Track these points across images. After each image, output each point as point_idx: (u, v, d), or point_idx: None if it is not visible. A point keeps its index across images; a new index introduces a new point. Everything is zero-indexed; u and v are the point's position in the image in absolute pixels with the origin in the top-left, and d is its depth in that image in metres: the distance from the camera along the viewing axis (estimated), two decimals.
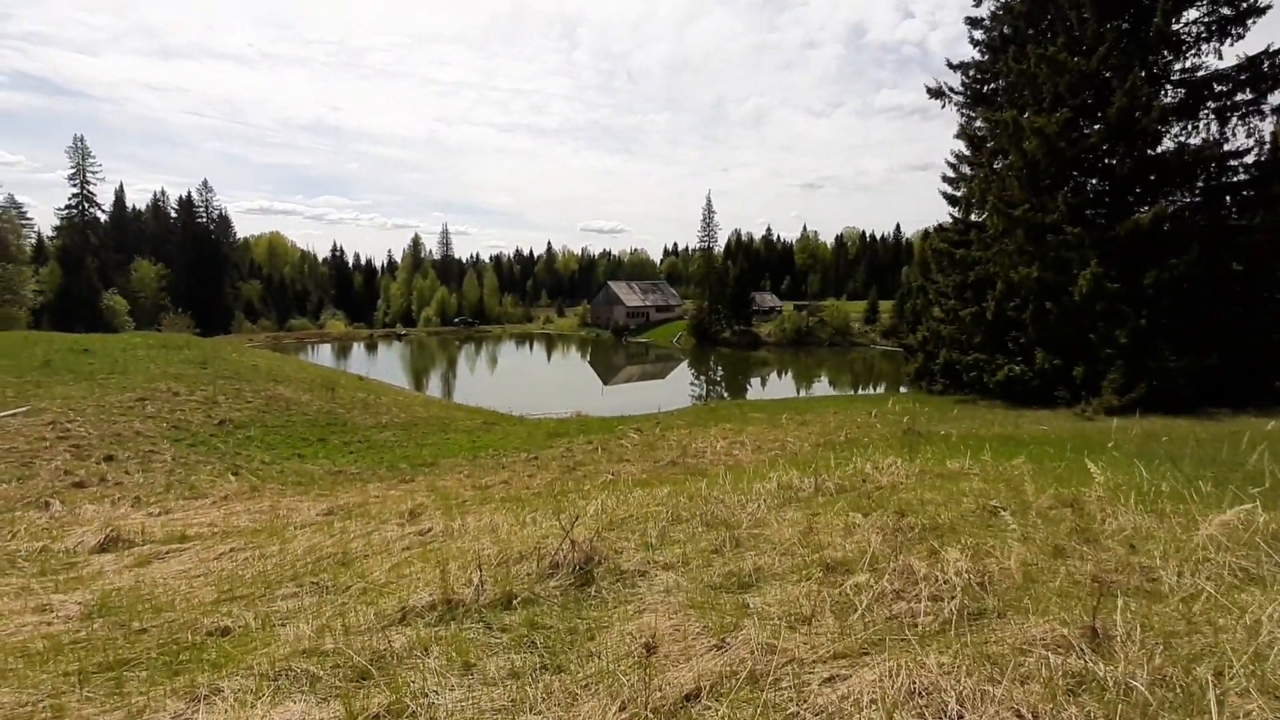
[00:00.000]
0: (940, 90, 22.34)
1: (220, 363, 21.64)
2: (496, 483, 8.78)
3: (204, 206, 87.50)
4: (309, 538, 5.68)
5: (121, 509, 7.45)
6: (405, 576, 4.32)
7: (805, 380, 50.87)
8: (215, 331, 63.76)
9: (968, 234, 21.49)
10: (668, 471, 9.32)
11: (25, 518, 6.80)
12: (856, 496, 5.81)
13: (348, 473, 11.21)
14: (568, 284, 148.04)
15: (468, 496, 7.75)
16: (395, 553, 5.19)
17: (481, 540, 5.26)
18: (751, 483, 6.61)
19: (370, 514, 6.81)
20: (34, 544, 5.86)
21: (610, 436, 15.28)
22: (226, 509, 7.50)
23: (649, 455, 11.63)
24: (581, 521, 5.68)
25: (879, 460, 7.27)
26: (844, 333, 71.02)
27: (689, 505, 5.66)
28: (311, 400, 18.65)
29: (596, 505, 6.20)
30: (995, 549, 3.90)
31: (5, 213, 62.07)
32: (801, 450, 10.88)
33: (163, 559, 5.26)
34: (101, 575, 4.90)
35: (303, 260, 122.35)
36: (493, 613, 3.40)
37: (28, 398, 14.54)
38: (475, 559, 4.44)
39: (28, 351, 19.25)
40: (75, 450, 11.31)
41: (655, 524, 5.09)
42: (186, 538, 5.98)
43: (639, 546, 4.49)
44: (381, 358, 66.86)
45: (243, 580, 4.46)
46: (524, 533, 5.40)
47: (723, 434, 14.01)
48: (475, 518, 6.23)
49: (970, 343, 19.34)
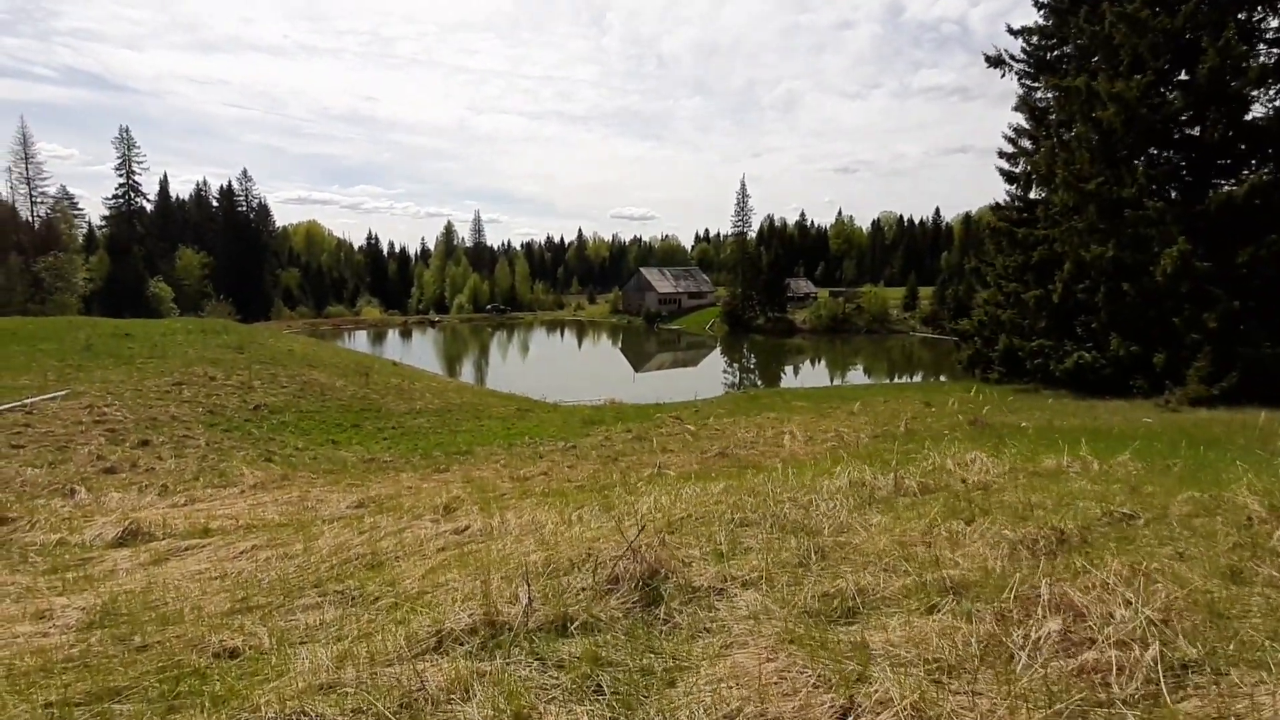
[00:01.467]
0: (999, 58, 20.92)
1: (256, 348, 21.66)
2: (535, 474, 8.25)
3: (244, 196, 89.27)
4: (336, 534, 5.21)
5: (147, 498, 7.13)
6: (441, 586, 3.77)
7: (841, 368, 49.53)
8: (255, 318, 65.03)
9: (1030, 212, 20.12)
10: (717, 464, 8.68)
11: (49, 506, 6.50)
12: (948, 498, 5.09)
13: (380, 460, 10.84)
14: (598, 271, 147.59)
15: (506, 489, 7.23)
16: (429, 554, 4.67)
17: (525, 542, 4.70)
18: (817, 479, 5.93)
19: (403, 508, 6.33)
20: (51, 536, 5.52)
21: (649, 425, 14.70)
22: (254, 499, 7.12)
23: (692, 445, 11.00)
24: (636, 522, 5.10)
25: (959, 455, 6.51)
26: (882, 320, 69.11)
27: (754, 505, 5.02)
28: (346, 385, 18.48)
29: (648, 503, 5.60)
30: (1154, 570, 3.18)
31: (58, 204, 64.11)
32: (858, 442, 10.12)
33: (180, 556, 4.84)
34: (113, 574, 4.48)
35: (339, 248, 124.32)
36: (545, 640, 2.82)
37: (68, 381, 14.57)
38: (520, 567, 3.88)
39: (71, 335, 19.47)
40: (110, 434, 11.17)
41: (720, 527, 4.47)
42: (208, 531, 5.57)
43: (707, 555, 3.87)
44: (415, 344, 67.47)
45: (260, 585, 3.97)
46: (572, 533, 4.83)
47: (768, 423, 13.30)
48: (516, 514, 5.69)
49: (1034, 328, 18.10)
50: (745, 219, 75.09)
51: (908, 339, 65.48)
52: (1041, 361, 17.87)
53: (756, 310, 71.20)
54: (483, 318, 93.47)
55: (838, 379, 43.04)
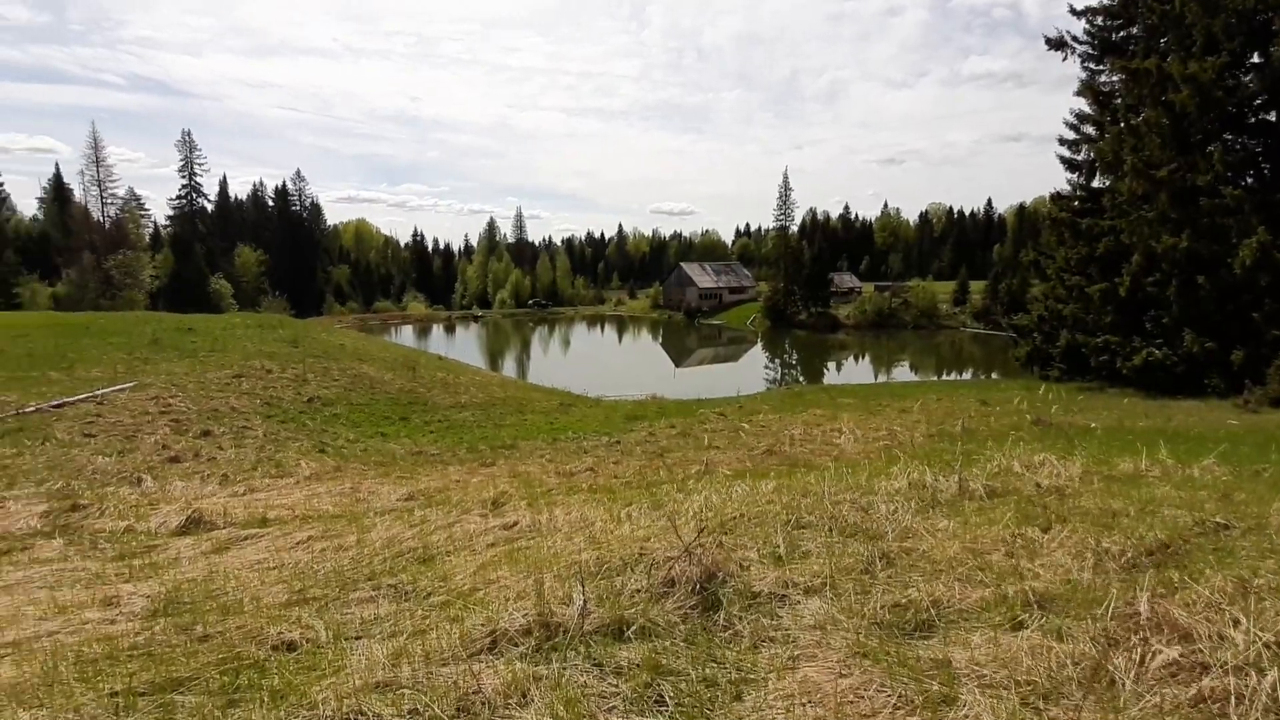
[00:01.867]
0: (1061, 40, 19.88)
1: (310, 342, 22.32)
2: (581, 469, 8.22)
3: (298, 195, 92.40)
4: (388, 527, 5.24)
5: (208, 487, 7.36)
6: (492, 583, 3.73)
7: (886, 365, 48.28)
8: (308, 313, 67.24)
9: (1094, 201, 19.10)
10: (766, 461, 8.48)
11: (117, 494, 6.75)
12: (1019, 503, 4.81)
13: (428, 453, 11.00)
14: (638, 266, 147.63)
15: (552, 484, 7.20)
16: (479, 550, 4.65)
17: (575, 539, 4.64)
18: (873, 479, 5.70)
19: (451, 501, 6.36)
20: (119, 523, 5.72)
21: (692, 421, 14.55)
22: (309, 489, 7.27)
23: (738, 442, 10.81)
24: (686, 520, 4.98)
25: (1026, 457, 6.17)
26: (930, 315, 67.12)
27: (809, 506, 4.83)
28: (394, 379, 18.87)
29: (699, 501, 5.48)
30: (1261, 587, 2.89)
31: (127, 205, 67.51)
32: (913, 441, 9.77)
33: (239, 545, 4.94)
34: (177, 562, 4.60)
35: (386, 245, 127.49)
36: (601, 644, 2.72)
37: (136, 373, 15.26)
38: (572, 566, 3.80)
39: (139, 330, 20.42)
40: (175, 425, 11.63)
41: (775, 528, 4.31)
42: (266, 521, 5.69)
43: (765, 558, 3.72)
44: (459, 339, 68.75)
45: (316, 577, 4.00)
46: (622, 532, 4.74)
47: (815, 421, 12.99)
48: (564, 510, 5.63)
49: (1099, 323, 17.18)
50: (787, 212, 73.95)
51: (958, 334, 63.45)
52: (1107, 359, 16.92)
53: (799, 305, 70.03)
54: (524, 313, 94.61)
55: (883, 376, 41.96)
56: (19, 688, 2.88)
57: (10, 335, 18.23)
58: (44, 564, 4.60)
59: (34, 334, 18.82)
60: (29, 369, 14.78)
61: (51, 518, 5.79)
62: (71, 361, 15.94)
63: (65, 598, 3.89)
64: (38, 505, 6.23)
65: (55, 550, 4.96)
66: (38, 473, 8.01)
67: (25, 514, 5.94)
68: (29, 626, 3.55)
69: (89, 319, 23.92)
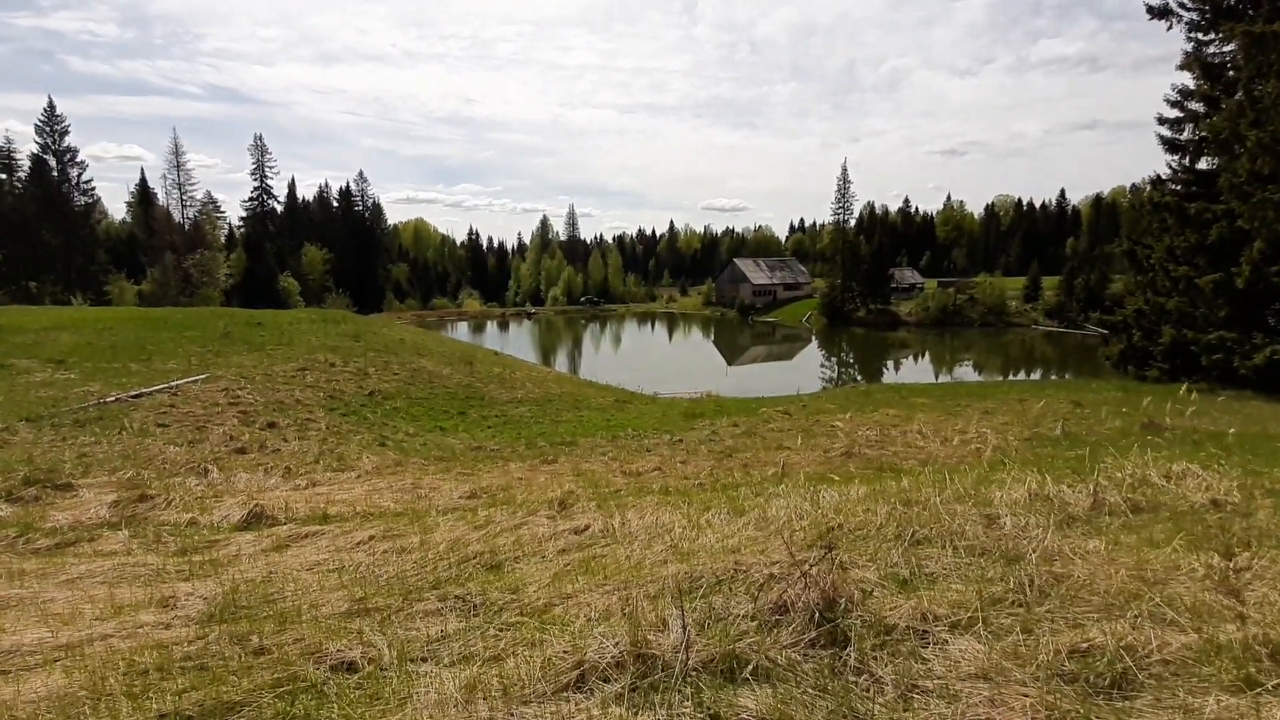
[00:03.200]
0: (1165, 7, 18.19)
1: (371, 336, 22.70)
2: (648, 469, 7.79)
3: (360, 196, 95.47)
4: (451, 527, 4.92)
5: (272, 479, 7.27)
6: (570, 598, 3.31)
7: (948, 365, 46.11)
8: (369, 310, 69.33)
9: (1203, 184, 17.36)
10: (846, 464, 7.85)
11: (184, 485, 6.70)
12: (1173, 520, 4.10)
13: (487, 449, 10.79)
14: (689, 263, 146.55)
15: (619, 484, 6.79)
16: (549, 556, 4.26)
17: (654, 548, 4.19)
18: (982, 488, 5.05)
19: (515, 500, 6.02)
20: (183, 515, 5.60)
21: (755, 419, 13.93)
22: (370, 485, 7.08)
23: (810, 442, 10.17)
24: (777, 529, 4.47)
25: (1164, 466, 5.38)
26: (999, 312, 63.96)
27: (919, 517, 4.25)
28: (452, 374, 18.92)
29: (783, 507, 4.96)
30: None
31: (204, 207, 71.12)
32: (1007, 445, 8.93)
33: (299, 543, 4.70)
34: (237, 560, 4.38)
35: (443, 244, 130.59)
36: (712, 686, 2.26)
37: (208, 366, 15.71)
38: (659, 581, 3.36)
39: (212, 324, 21.17)
40: (242, 416, 11.80)
41: (887, 544, 3.75)
42: (327, 518, 5.46)
43: (887, 581, 3.18)
44: (513, 335, 69.60)
45: (378, 583, 3.68)
46: (705, 540, 4.27)
47: (889, 421, 12.19)
48: (637, 513, 5.20)
49: (1211, 318, 15.57)
50: (846, 205, 71.72)
51: (1028, 333, 60.21)
52: (1221, 357, 15.30)
53: (857, 302, 67.87)
54: (577, 310, 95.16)
55: (944, 376, 40.01)
56: (66, 700, 2.62)
57: (97, 329, 19.14)
58: (107, 557, 4.45)
59: (117, 328, 19.73)
60: (111, 360, 15.40)
61: (120, 508, 5.73)
62: (150, 353, 16.56)
63: (124, 596, 3.69)
64: (108, 495, 6.21)
65: (120, 543, 4.84)
66: (112, 461, 8.13)
67: (96, 503, 5.90)
68: (84, 628, 3.34)
69: (167, 314, 25.04)
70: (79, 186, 61.75)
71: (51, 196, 58.23)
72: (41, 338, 17.22)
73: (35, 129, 59.05)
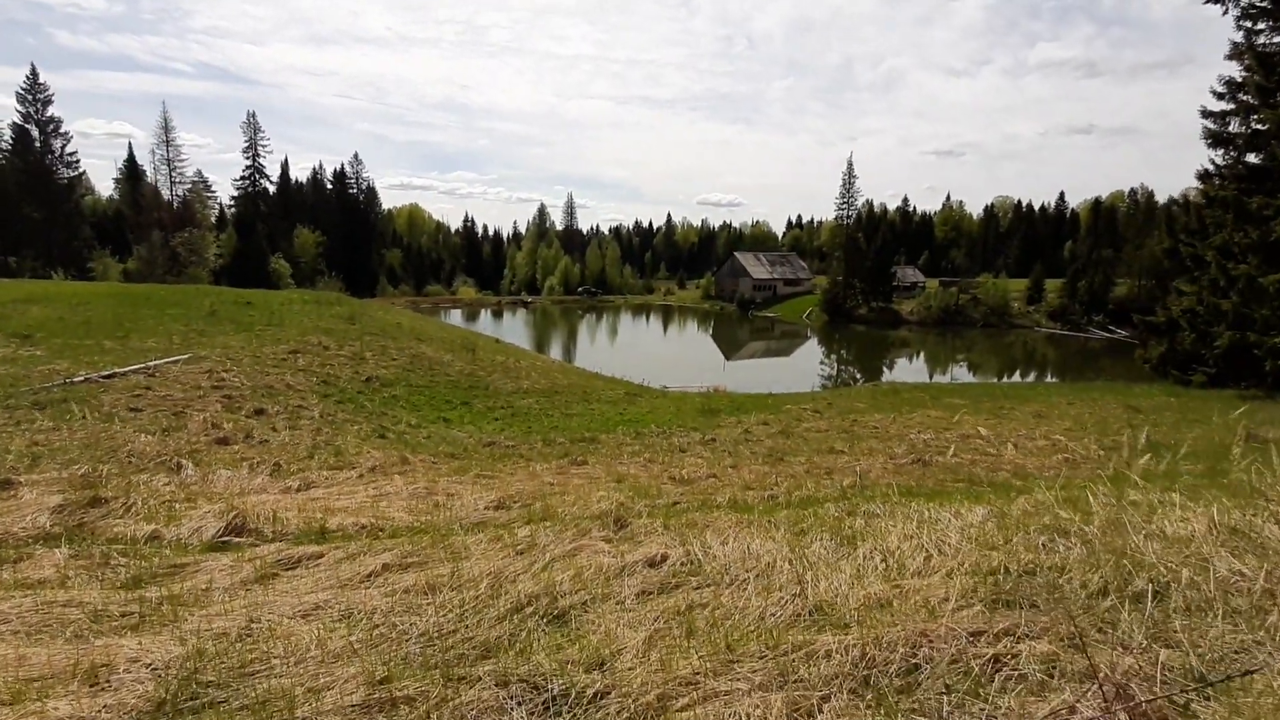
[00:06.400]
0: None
1: (367, 320, 21.51)
2: (699, 475, 6.74)
3: (354, 179, 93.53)
4: (486, 552, 3.86)
5: (258, 478, 6.17)
6: (691, 685, 2.26)
7: (943, 365, 45.48)
8: (362, 294, 67.58)
9: (1256, 179, 16.40)
10: (923, 473, 6.82)
11: (150, 484, 5.58)
12: None
13: (501, 445, 9.71)
14: (686, 256, 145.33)
15: (673, 494, 5.74)
16: (627, 601, 3.19)
17: (773, 594, 3.13)
18: (1144, 514, 4.05)
19: (554, 513, 4.96)
20: (144, 527, 4.48)
21: (784, 417, 12.93)
22: (374, 487, 5.99)
23: (860, 446, 9.16)
24: (919, 568, 3.45)
25: None
26: (1001, 313, 63.34)
27: (1131, 563, 3.22)
28: (453, 361, 17.80)
29: (902, 534, 3.94)
30: None
31: (194, 185, 69.26)
32: (1090, 453, 7.94)
33: (291, 572, 3.62)
34: (207, 597, 3.30)
35: (438, 231, 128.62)
36: None
37: (191, 346, 14.50)
38: (813, 654, 2.31)
39: (197, 302, 19.90)
40: (226, 401, 10.66)
41: (1109, 602, 2.72)
42: (325, 533, 4.39)
43: (1179, 676, 2.14)
44: (507, 324, 68.33)
45: (405, 649, 2.61)
46: (835, 584, 3.21)
47: (936, 424, 11.22)
48: (716, 537, 4.14)
49: (1276, 320, 14.60)
50: (850, 202, 70.77)
51: (1031, 335, 59.60)
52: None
53: (859, 299, 67.02)
54: (574, 300, 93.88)
55: (939, 376, 39.15)
56: None
57: (71, 304, 17.85)
58: (31, 590, 3.35)
59: (94, 302, 18.44)
60: (84, 337, 14.17)
61: (65, 514, 4.62)
62: (127, 331, 15.33)
63: (36, 660, 2.59)
64: (54, 496, 5.06)
65: (55, 566, 3.74)
66: (70, 451, 7.00)
67: (36, 507, 4.78)
68: None
69: (149, 290, 23.71)
70: (63, 159, 59.65)
71: (33, 168, 56.22)
72: (8, 310, 15.93)
73: (17, 97, 56.85)
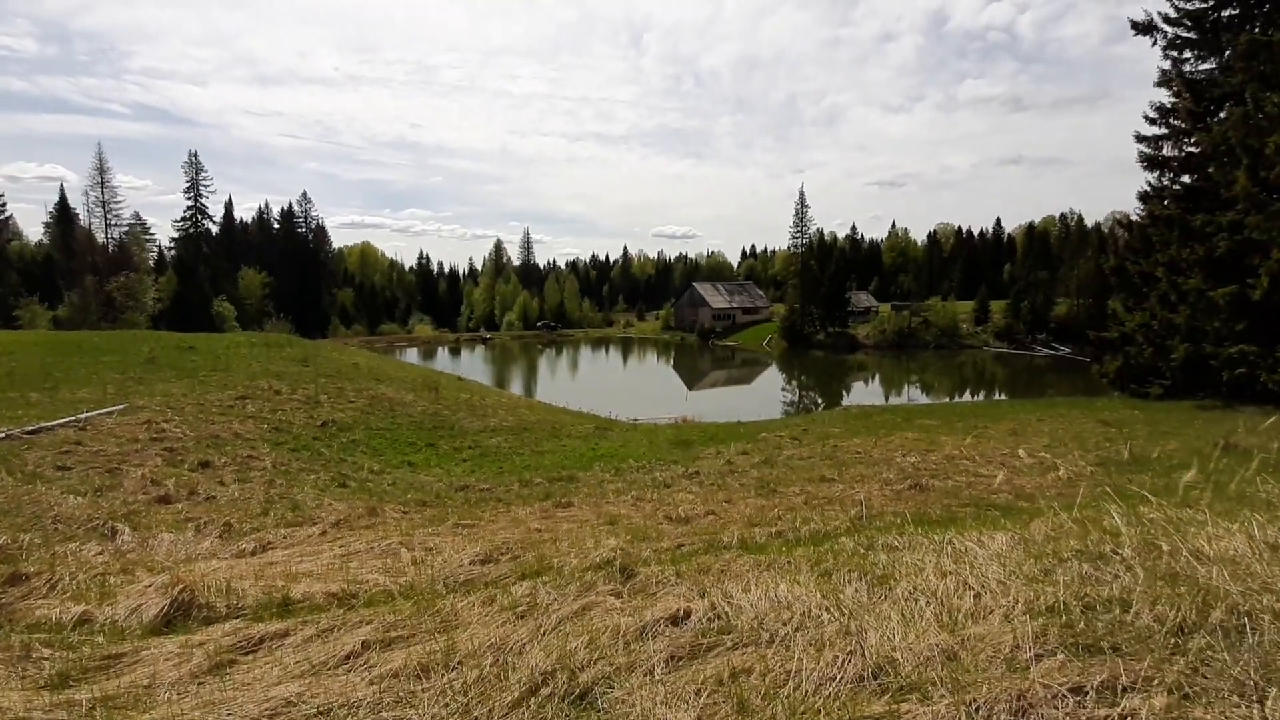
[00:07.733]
0: (1150, 23, 18.33)
1: (321, 361, 20.56)
2: (696, 514, 6.33)
3: (303, 217, 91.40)
4: (482, 619, 3.39)
5: (206, 541, 5.49)
6: None
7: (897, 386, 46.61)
8: (313, 335, 65.45)
9: (1196, 199, 17.25)
10: (923, 499, 6.59)
11: (79, 555, 4.88)
12: None
13: (475, 488, 9.12)
14: (644, 288, 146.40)
15: (674, 536, 5.32)
16: (657, 673, 2.76)
17: (824, 653, 2.76)
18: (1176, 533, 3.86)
19: (550, 565, 4.50)
20: (72, 608, 3.84)
21: (762, 446, 12.68)
22: (341, 545, 5.40)
23: (850, 473, 8.92)
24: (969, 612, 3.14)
25: None
26: (951, 334, 65.43)
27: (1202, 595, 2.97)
28: (415, 401, 17.05)
29: (932, 566, 3.64)
30: None
31: (132, 228, 66.37)
32: (1082, 473, 7.88)
33: (251, 657, 3.08)
34: (150, 698, 2.75)
35: (391, 269, 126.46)
36: None
37: (128, 395, 13.45)
38: None
39: (135, 348, 18.66)
40: (168, 454, 9.78)
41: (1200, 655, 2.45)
42: (289, 605, 3.83)
43: None
44: (468, 361, 67.01)
45: None
46: (887, 637, 2.86)
47: (917, 446, 11.12)
48: (738, 584, 3.76)
49: (1227, 332, 15.18)
50: (804, 230, 72.61)
51: (980, 354, 61.60)
52: (1245, 371, 14.89)
53: (816, 325, 68.31)
54: (533, 335, 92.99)
55: (895, 397, 39.92)
56: None
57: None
58: None
59: (20, 352, 17.07)
60: (6, 389, 12.99)
61: None
62: (56, 382, 14.15)
63: None
64: None
65: None
66: None
67: None
68: None
69: (81, 337, 22.19)
70: None
71: None
72: None
73: None
